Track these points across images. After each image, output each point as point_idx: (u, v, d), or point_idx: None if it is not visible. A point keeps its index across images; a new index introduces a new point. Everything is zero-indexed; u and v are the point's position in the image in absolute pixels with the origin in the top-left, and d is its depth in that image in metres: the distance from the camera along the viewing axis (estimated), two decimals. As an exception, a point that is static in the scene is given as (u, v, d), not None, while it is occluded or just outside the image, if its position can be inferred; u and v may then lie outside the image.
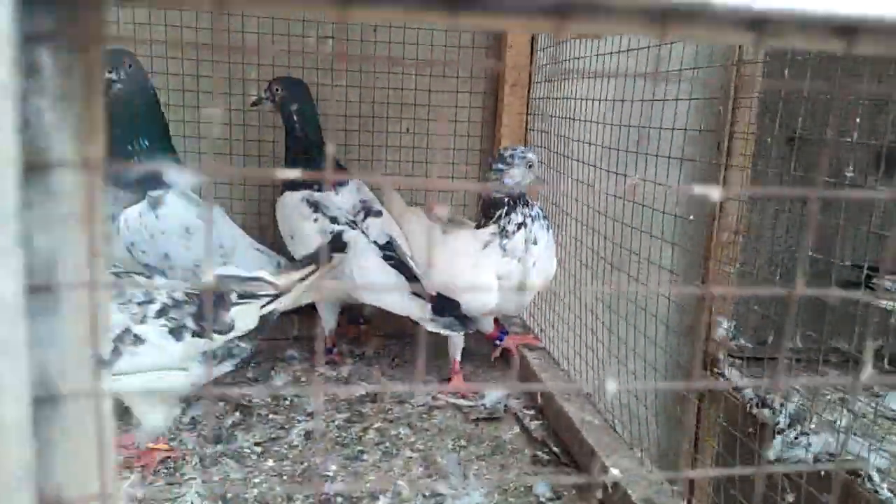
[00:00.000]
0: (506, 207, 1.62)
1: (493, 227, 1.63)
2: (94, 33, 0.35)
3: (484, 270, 1.60)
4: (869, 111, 1.82)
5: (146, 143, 1.62)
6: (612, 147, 1.69)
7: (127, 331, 1.22)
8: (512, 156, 1.63)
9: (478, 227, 1.68)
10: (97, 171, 0.39)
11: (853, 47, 0.35)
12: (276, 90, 1.76)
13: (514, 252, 1.60)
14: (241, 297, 1.35)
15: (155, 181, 1.63)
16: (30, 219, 0.34)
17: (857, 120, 1.53)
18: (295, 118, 1.76)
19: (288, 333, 1.91)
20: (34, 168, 0.34)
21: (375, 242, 1.71)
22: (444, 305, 1.61)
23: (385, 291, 1.66)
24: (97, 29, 0.36)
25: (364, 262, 1.66)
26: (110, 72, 1.57)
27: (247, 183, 2.03)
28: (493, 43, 2.20)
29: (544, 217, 1.66)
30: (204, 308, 1.29)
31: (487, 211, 1.66)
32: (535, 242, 1.61)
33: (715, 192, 0.37)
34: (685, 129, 1.56)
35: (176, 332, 1.26)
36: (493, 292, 1.58)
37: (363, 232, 1.72)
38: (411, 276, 1.66)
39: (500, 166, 1.63)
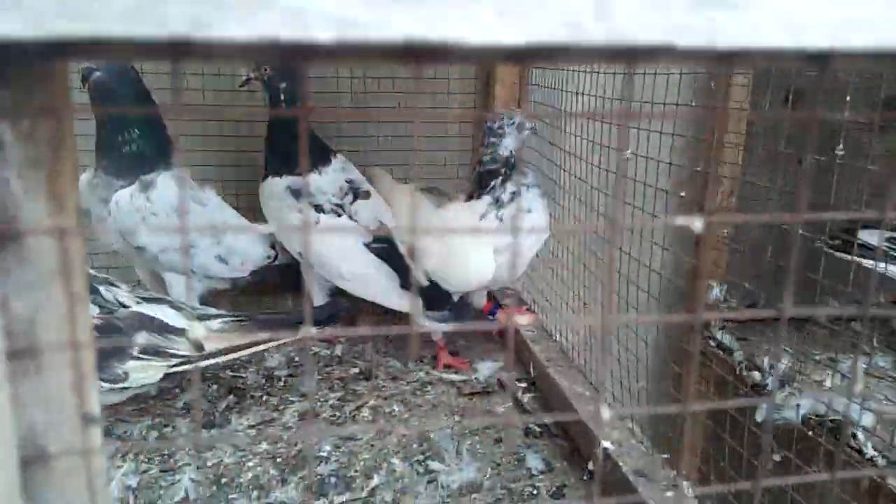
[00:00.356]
0: (501, 177, 1.61)
1: (487, 198, 1.61)
2: (56, 101, 0.34)
3: (482, 241, 1.59)
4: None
5: (136, 131, 1.59)
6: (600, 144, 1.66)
7: None
8: (501, 126, 1.60)
9: (469, 198, 1.66)
10: (70, 234, 0.38)
11: (826, 70, 0.34)
12: (265, 69, 1.70)
13: (510, 221, 1.59)
14: (144, 351, 1.25)
15: (148, 166, 1.60)
16: (6, 285, 0.34)
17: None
18: (283, 97, 1.71)
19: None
20: (5, 237, 0.34)
21: (367, 229, 1.69)
22: (436, 297, 1.61)
23: (370, 283, 1.65)
24: (59, 97, 0.35)
25: (349, 254, 1.65)
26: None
27: (223, 164, 1.99)
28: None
29: (538, 185, 1.65)
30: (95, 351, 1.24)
31: (482, 181, 1.64)
32: (529, 211, 1.60)
33: (697, 224, 0.37)
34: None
35: None
36: (491, 264, 1.58)
37: (351, 217, 1.70)
38: (403, 267, 1.65)
39: (492, 139, 1.61)
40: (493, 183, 1.61)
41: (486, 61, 0.35)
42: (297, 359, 1.77)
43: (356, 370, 1.72)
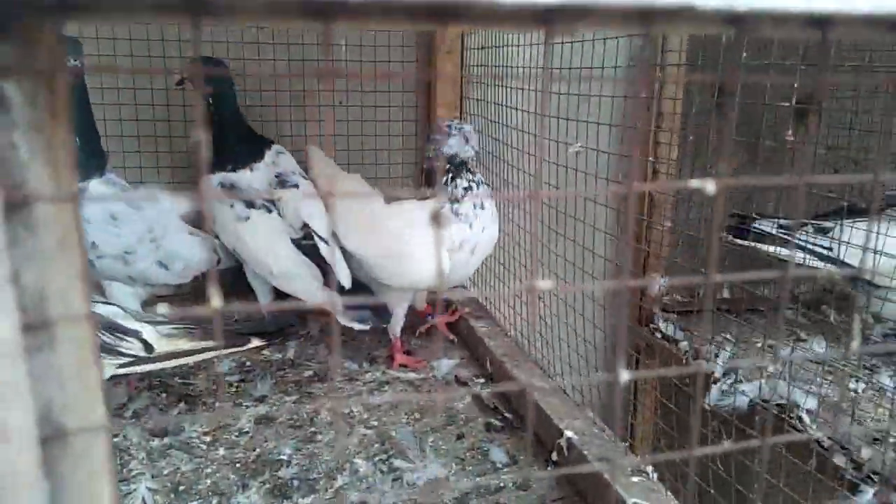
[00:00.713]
0: (450, 174, 1.63)
1: (441, 195, 1.63)
2: (55, 62, 0.33)
3: (433, 240, 1.59)
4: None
5: (77, 140, 1.53)
6: (550, 115, 1.70)
7: None
8: (449, 126, 1.64)
9: (421, 199, 1.67)
10: (74, 198, 0.36)
11: (827, 36, 0.36)
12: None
13: (465, 217, 1.61)
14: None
15: (81, 173, 1.54)
16: (17, 256, 0.32)
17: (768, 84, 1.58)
18: (209, 100, 1.69)
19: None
20: (14, 203, 0.32)
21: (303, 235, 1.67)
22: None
23: (295, 280, 1.63)
24: (57, 57, 0.33)
25: (275, 248, 1.64)
26: (75, 59, 1.50)
27: (159, 164, 1.94)
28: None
29: (486, 184, 1.68)
30: None
31: (430, 179, 1.66)
32: (482, 207, 1.62)
33: (710, 186, 0.38)
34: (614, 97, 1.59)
35: None
36: (445, 262, 1.58)
37: (279, 213, 1.68)
38: (324, 264, 1.64)
39: (437, 136, 1.66)
40: (444, 179, 1.63)
41: (515, 23, 0.35)
42: (247, 363, 1.73)
43: (310, 373, 1.69)
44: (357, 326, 1.63)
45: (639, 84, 1.36)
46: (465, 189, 1.62)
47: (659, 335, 1.99)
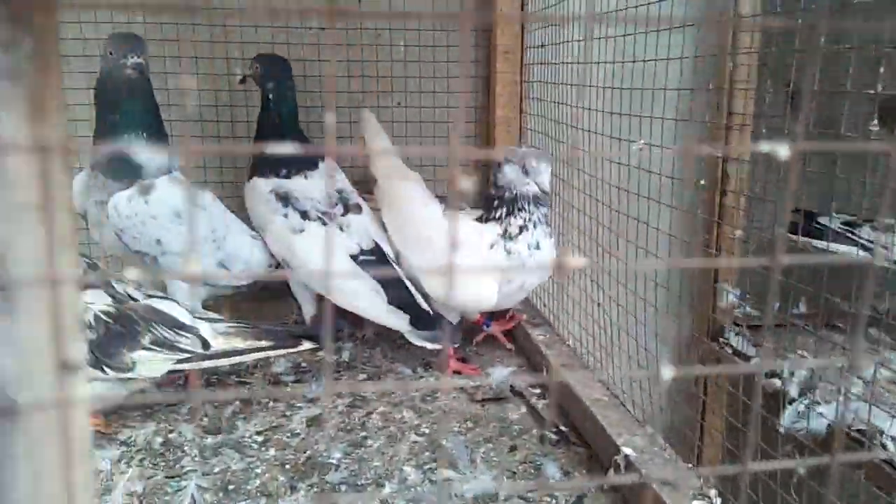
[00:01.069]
0: (505, 208, 1.58)
1: (497, 227, 1.58)
2: (34, 10, 0.30)
3: (489, 270, 1.55)
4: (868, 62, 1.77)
5: (144, 134, 1.56)
6: (613, 112, 1.62)
7: None
8: (507, 157, 1.58)
9: (479, 219, 1.63)
10: (54, 153, 0.34)
11: None
12: (256, 67, 1.70)
13: (517, 256, 1.56)
14: (154, 342, 1.26)
15: (150, 171, 1.57)
16: None
17: (850, 70, 1.47)
18: (270, 96, 1.70)
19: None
20: None
21: (360, 248, 1.65)
22: (425, 316, 1.59)
23: (357, 297, 1.60)
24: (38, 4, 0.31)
25: (333, 263, 1.62)
26: (139, 56, 1.53)
27: (223, 164, 1.97)
28: (483, 6, 2.13)
29: (547, 223, 1.61)
30: (105, 338, 1.22)
31: (487, 204, 1.62)
32: (537, 248, 1.57)
33: (783, 150, 0.33)
34: (679, 90, 1.50)
35: None
36: (494, 294, 1.55)
37: (340, 228, 1.66)
38: (391, 282, 1.61)
39: (498, 165, 1.60)
40: (498, 212, 1.59)
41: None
42: (303, 364, 1.73)
43: (364, 376, 1.68)
44: (428, 345, 1.62)
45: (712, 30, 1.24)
46: (521, 228, 1.57)
47: (729, 350, 1.88)
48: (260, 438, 1.40)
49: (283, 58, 1.77)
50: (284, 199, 1.68)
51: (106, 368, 1.21)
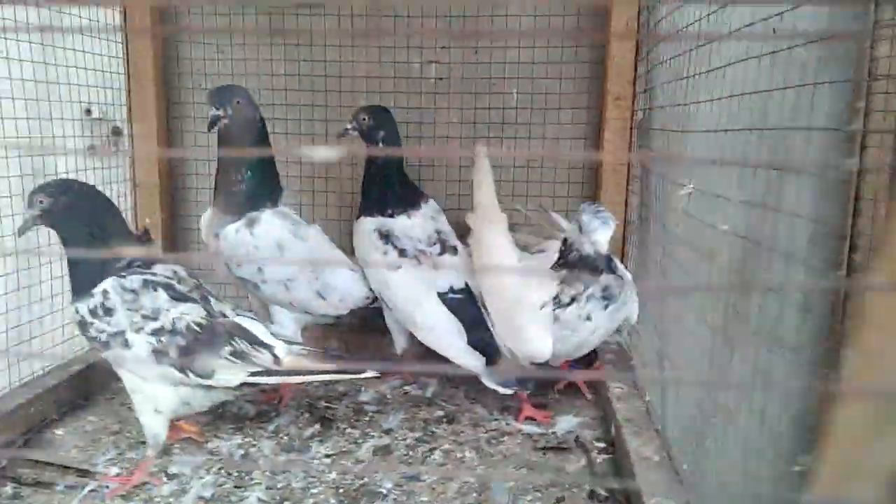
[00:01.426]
0: (567, 268, 1.55)
1: (554, 286, 1.56)
2: None
3: (538, 325, 1.55)
4: None
5: (249, 173, 1.76)
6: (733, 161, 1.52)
7: (121, 332, 1.36)
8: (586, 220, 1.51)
9: (558, 259, 1.61)
10: None
11: None
12: (363, 119, 1.81)
13: (566, 324, 1.54)
14: (234, 353, 1.41)
15: (257, 203, 1.76)
16: None
17: None
18: (381, 145, 1.82)
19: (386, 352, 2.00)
20: None
21: (450, 287, 1.72)
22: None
23: (441, 336, 1.66)
24: None
25: (422, 301, 1.69)
26: (217, 108, 1.68)
27: (328, 203, 2.14)
28: (595, 56, 2.12)
29: (605, 296, 1.54)
30: (193, 346, 1.38)
31: (561, 255, 1.60)
32: (588, 319, 1.54)
33: None
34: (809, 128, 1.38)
35: (158, 355, 1.36)
36: (548, 348, 1.54)
37: (434, 267, 1.74)
38: (478, 325, 1.66)
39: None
40: (562, 270, 1.57)
41: None
42: (388, 396, 1.83)
43: (441, 413, 1.73)
44: (501, 390, 1.65)
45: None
46: (572, 299, 1.54)
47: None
48: (328, 461, 1.51)
49: (385, 107, 1.90)
50: (386, 237, 1.79)
51: (189, 373, 1.40)
